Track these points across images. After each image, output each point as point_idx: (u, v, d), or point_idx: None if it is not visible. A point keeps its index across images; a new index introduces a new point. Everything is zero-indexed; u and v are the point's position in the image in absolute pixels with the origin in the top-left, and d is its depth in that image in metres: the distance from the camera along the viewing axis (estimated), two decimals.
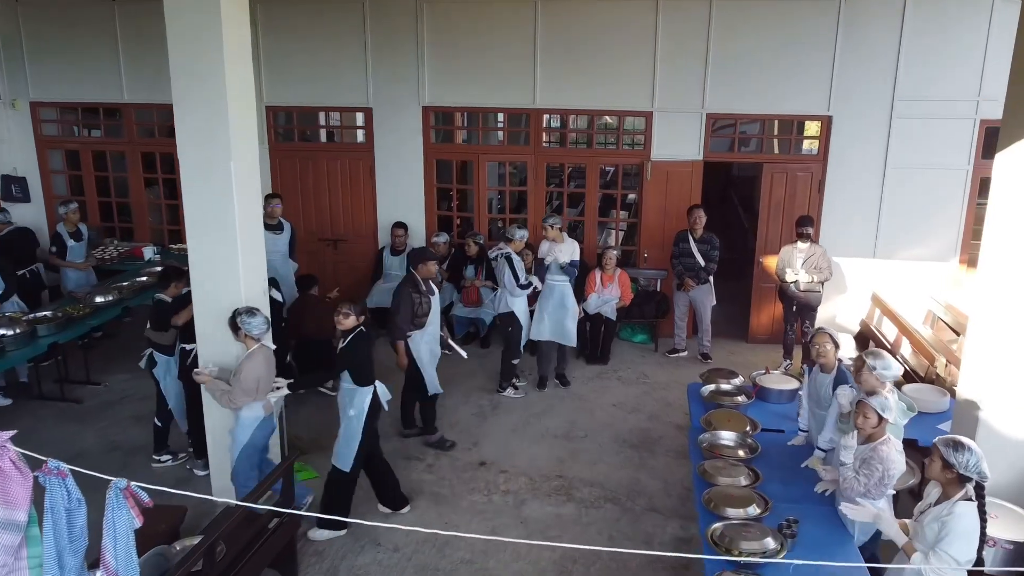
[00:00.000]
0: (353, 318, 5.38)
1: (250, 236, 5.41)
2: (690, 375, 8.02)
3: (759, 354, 8.72)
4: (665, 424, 7.08)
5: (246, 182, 5.34)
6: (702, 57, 8.39)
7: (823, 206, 8.61)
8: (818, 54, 8.23)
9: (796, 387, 5.76)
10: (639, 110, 8.71)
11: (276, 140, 9.47)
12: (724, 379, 5.93)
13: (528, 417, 7.19)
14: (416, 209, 9.31)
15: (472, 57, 8.80)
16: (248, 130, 5.35)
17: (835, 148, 8.45)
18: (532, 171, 9.07)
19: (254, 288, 5.51)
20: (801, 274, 7.73)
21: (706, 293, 8.29)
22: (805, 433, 5.15)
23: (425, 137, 9.12)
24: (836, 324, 8.56)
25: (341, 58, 9.00)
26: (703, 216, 8.15)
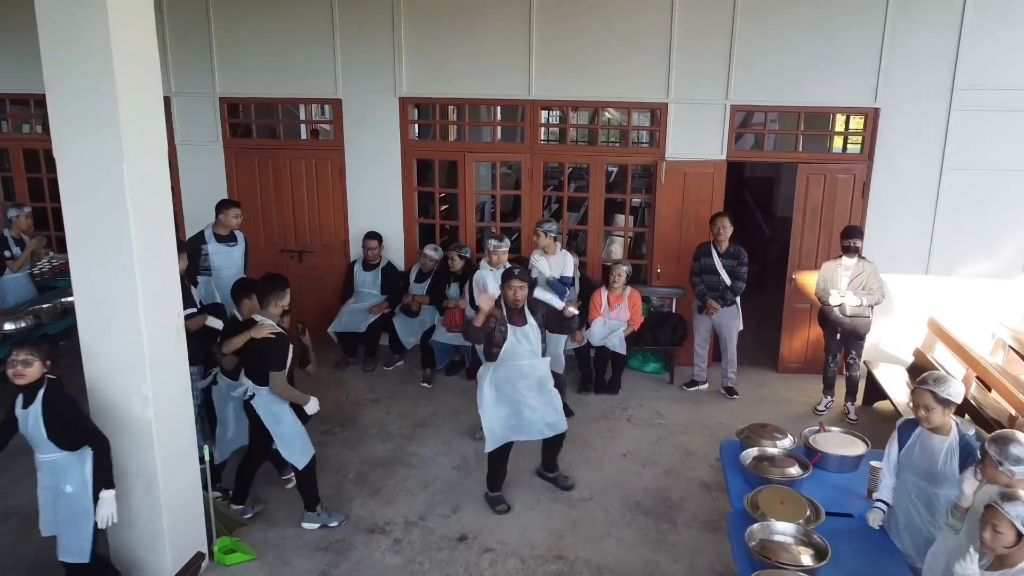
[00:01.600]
0: (38, 365, 3.86)
1: (155, 260, 4.16)
2: (713, 414, 6.83)
3: (792, 387, 7.47)
4: (687, 482, 5.81)
5: (148, 189, 4.08)
6: (726, 40, 7.13)
7: (867, 213, 7.36)
8: (864, 36, 6.98)
9: (863, 451, 4.50)
10: (652, 102, 7.44)
11: (231, 137, 8.20)
12: (768, 438, 4.66)
13: (519, 473, 5.91)
14: (393, 216, 8.05)
15: (457, 40, 7.54)
16: (149, 122, 4.09)
17: (882, 146, 7.19)
18: (527, 172, 7.81)
19: (163, 328, 4.25)
20: (848, 296, 6.46)
21: (732, 317, 7.04)
22: (886, 510, 3.92)
23: (403, 133, 7.86)
24: (885, 353, 7.31)
25: (305, 42, 7.74)
26: (729, 226, 6.89)
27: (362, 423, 6.66)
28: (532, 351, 5.21)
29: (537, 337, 5.21)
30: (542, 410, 5.32)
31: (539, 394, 5.30)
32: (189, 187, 8.24)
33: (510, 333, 5.17)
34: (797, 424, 6.63)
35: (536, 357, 5.23)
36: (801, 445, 4.65)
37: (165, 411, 4.29)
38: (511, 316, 5.21)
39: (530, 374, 5.25)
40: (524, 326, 5.19)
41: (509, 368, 5.22)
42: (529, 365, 5.23)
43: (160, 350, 4.21)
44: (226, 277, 6.79)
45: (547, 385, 5.34)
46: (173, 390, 4.38)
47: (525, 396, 5.26)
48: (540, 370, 5.28)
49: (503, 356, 5.20)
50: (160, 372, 4.22)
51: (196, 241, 6.79)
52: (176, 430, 4.44)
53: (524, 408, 5.28)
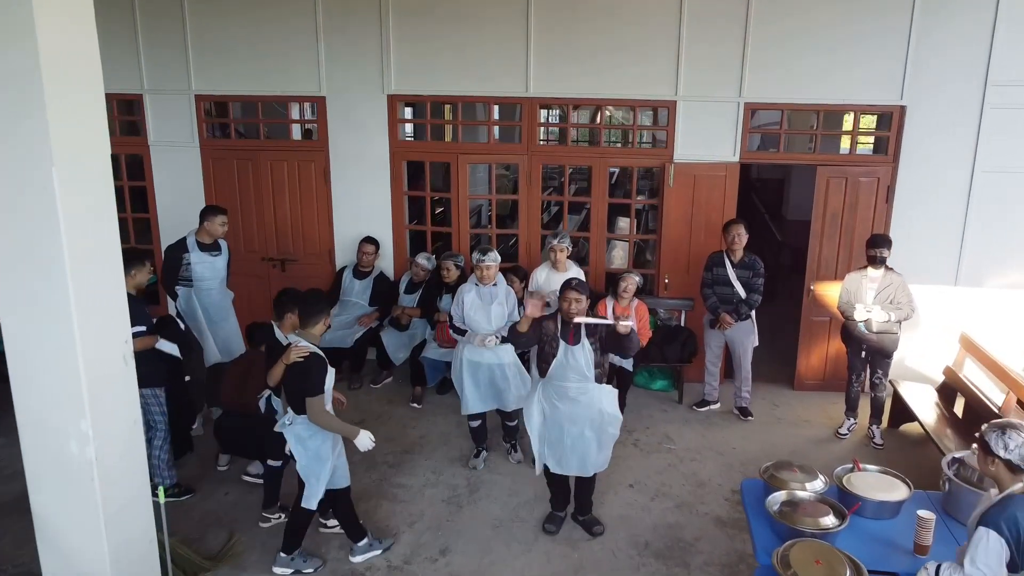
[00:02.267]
0: None
1: (95, 277, 3.61)
2: (726, 438, 6.30)
3: (811, 406, 6.93)
4: (700, 518, 5.27)
5: (85, 197, 3.53)
6: (740, 32, 6.60)
7: (891, 219, 6.82)
8: (889, 27, 6.45)
9: (905, 496, 3.95)
10: (659, 99, 6.90)
11: (208, 137, 7.66)
12: (795, 478, 4.12)
13: (517, 507, 5.38)
14: (381, 222, 7.50)
15: (450, 33, 7.00)
16: (87, 121, 3.54)
17: (909, 146, 6.65)
18: (525, 175, 7.27)
19: (105, 355, 3.71)
20: (875, 311, 5.91)
21: (747, 332, 6.50)
22: None
23: (392, 133, 7.31)
24: (911, 371, 6.77)
25: (286, 35, 7.18)
26: (744, 234, 6.35)
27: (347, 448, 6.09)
28: (581, 375, 4.66)
29: (588, 360, 4.63)
30: (583, 446, 4.79)
31: (584, 424, 4.75)
32: (163, 190, 7.70)
33: (560, 350, 4.65)
34: (819, 450, 6.15)
35: (586, 381, 4.67)
36: (834, 486, 4.11)
37: (109, 450, 3.74)
38: (564, 331, 4.68)
39: (577, 398, 4.70)
40: (575, 345, 4.64)
41: (556, 388, 4.74)
42: (577, 388, 4.68)
43: (102, 381, 3.66)
44: (207, 288, 6.33)
45: (598, 418, 4.74)
46: (119, 426, 3.83)
47: (568, 425, 4.76)
48: (589, 396, 4.70)
49: (551, 374, 4.73)
50: (102, 406, 3.68)
51: (177, 249, 6.27)
52: (124, 471, 3.89)
53: (566, 437, 4.79)
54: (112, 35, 7.32)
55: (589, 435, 4.76)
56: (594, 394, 4.69)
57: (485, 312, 5.64)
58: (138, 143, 7.63)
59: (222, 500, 5.39)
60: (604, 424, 4.75)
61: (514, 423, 5.93)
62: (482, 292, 5.66)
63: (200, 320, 6.32)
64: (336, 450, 4.62)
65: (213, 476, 5.67)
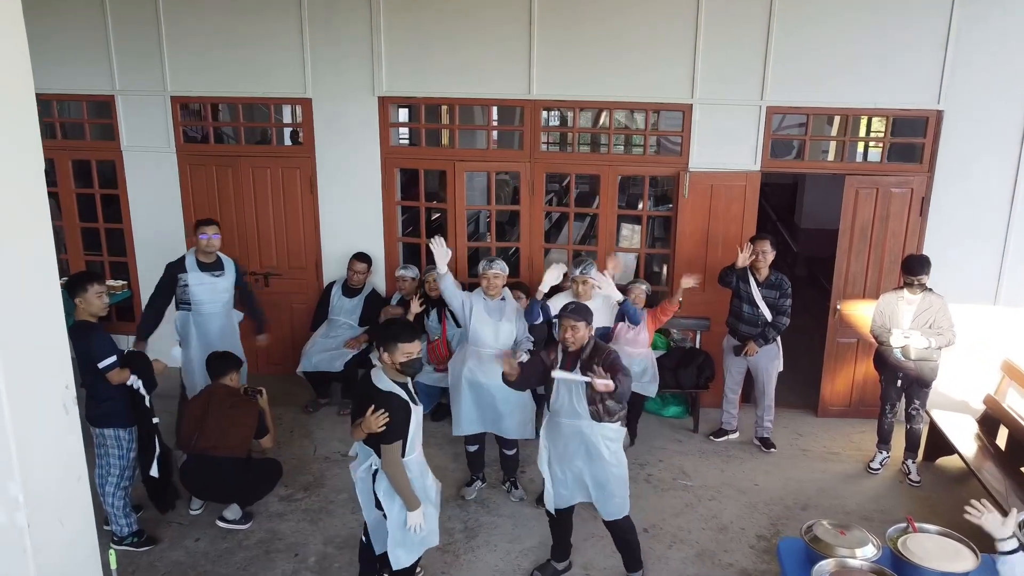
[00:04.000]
0: None
1: (23, 310, 3.05)
2: (747, 473, 5.80)
3: (837, 436, 6.40)
4: (724, 570, 4.73)
5: (9, 216, 2.98)
6: (762, 30, 6.06)
7: (925, 233, 6.29)
8: (925, 24, 5.91)
9: (971, 566, 3.41)
10: (674, 102, 6.36)
11: (185, 141, 7.10)
12: (842, 541, 3.57)
13: (519, 555, 4.84)
14: (372, 234, 6.95)
15: (447, 30, 6.45)
16: (11, 119, 2.98)
17: (946, 155, 6.12)
18: (527, 183, 6.72)
19: (38, 404, 3.15)
20: (914, 337, 5.38)
21: (771, 357, 5.96)
22: None
23: (383, 138, 6.77)
24: (948, 399, 6.22)
25: (269, 33, 6.64)
26: (771, 251, 5.82)
27: (330, 486, 5.56)
28: (572, 411, 4.16)
29: (580, 395, 4.12)
30: (583, 490, 4.35)
31: (582, 465, 4.26)
32: (138, 198, 7.14)
33: (557, 382, 4.18)
34: (850, 488, 5.65)
35: (579, 419, 4.16)
36: (887, 549, 3.57)
37: (46, 515, 3.19)
38: (563, 362, 4.19)
39: (571, 437, 4.22)
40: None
41: (555, 424, 4.30)
42: (570, 426, 4.20)
43: (35, 435, 3.11)
44: (209, 313, 5.71)
45: (596, 461, 4.24)
46: (58, 486, 3.27)
47: (565, 464, 4.31)
48: (583, 436, 4.20)
49: (552, 408, 4.28)
50: (36, 464, 3.12)
51: (175, 268, 5.68)
52: (65, 537, 3.33)
53: (568, 476, 4.34)
54: (81, 30, 6.80)
55: (590, 480, 4.28)
56: (588, 435, 4.18)
57: (493, 328, 5.11)
58: (110, 148, 7.08)
59: (191, 548, 4.84)
60: (603, 473, 4.23)
61: (513, 453, 5.39)
62: (489, 306, 5.12)
63: (192, 348, 5.72)
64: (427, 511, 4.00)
65: (182, 521, 5.11)
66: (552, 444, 4.33)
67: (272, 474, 5.16)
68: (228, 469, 4.85)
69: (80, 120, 7.25)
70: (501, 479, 5.54)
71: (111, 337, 4.57)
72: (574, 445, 4.23)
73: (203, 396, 5.06)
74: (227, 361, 5.17)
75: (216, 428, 4.82)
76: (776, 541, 4.84)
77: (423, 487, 3.98)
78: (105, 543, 4.08)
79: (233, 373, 5.16)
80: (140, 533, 4.81)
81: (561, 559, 4.64)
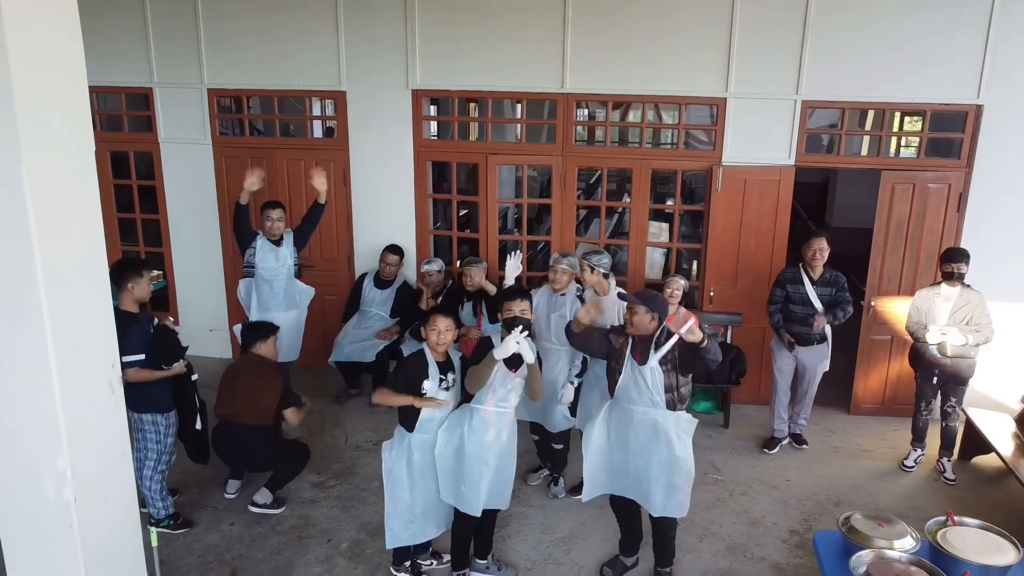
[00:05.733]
0: None
1: (74, 294, 3.12)
2: (778, 470, 5.78)
3: (870, 433, 6.34)
4: (756, 564, 4.71)
5: (63, 202, 3.04)
6: (799, 23, 6.02)
7: (962, 230, 6.21)
8: (966, 18, 5.84)
9: (1012, 559, 3.37)
10: (707, 96, 6.34)
11: (221, 134, 7.20)
12: (880, 533, 3.54)
13: (550, 546, 4.85)
14: (404, 227, 7.00)
15: (479, 24, 6.49)
16: (66, 116, 3.05)
17: (985, 150, 6.04)
18: (558, 177, 6.73)
19: (87, 382, 3.22)
20: (951, 333, 5.31)
21: (821, 356, 5.85)
22: None
23: (416, 131, 6.81)
24: (984, 397, 6.15)
25: (305, 26, 6.72)
26: (826, 248, 5.72)
27: (362, 474, 5.61)
28: (649, 399, 4.09)
29: (657, 382, 4.06)
30: (646, 483, 4.19)
31: (650, 457, 4.14)
32: (174, 190, 7.26)
33: (625, 369, 4.11)
34: (884, 485, 5.60)
35: (655, 408, 4.10)
36: (926, 542, 3.53)
37: (91, 491, 3.26)
38: (634, 347, 4.13)
39: (642, 426, 4.12)
40: (643, 365, 4.08)
41: (622, 411, 4.19)
42: (643, 414, 4.12)
43: (83, 412, 3.17)
44: (270, 279, 5.94)
45: (665, 453, 4.12)
46: (103, 463, 3.34)
47: (632, 456, 4.19)
48: (657, 426, 4.11)
49: (617, 394, 4.19)
50: (83, 440, 3.19)
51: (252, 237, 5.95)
52: (109, 513, 3.40)
53: (631, 467, 4.22)
54: (121, 25, 6.92)
55: (655, 472, 4.14)
56: (661, 424, 4.10)
57: (547, 320, 5.12)
58: (148, 140, 7.20)
59: (226, 532, 4.91)
60: (671, 464, 4.13)
61: (561, 448, 5.37)
62: (551, 300, 5.14)
63: (250, 312, 5.94)
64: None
65: (217, 505, 5.19)
66: (615, 432, 4.23)
67: (299, 457, 5.20)
68: (253, 438, 4.93)
69: (118, 112, 7.37)
70: (546, 467, 5.54)
71: (145, 329, 4.59)
72: (645, 435, 4.12)
73: (237, 364, 5.16)
74: (258, 331, 5.22)
75: (244, 396, 4.91)
76: (809, 536, 4.81)
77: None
78: (144, 523, 4.14)
79: (261, 343, 5.17)
80: (176, 516, 4.88)
81: (630, 553, 4.56)
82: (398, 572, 4.40)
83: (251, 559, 4.64)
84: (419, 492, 4.19)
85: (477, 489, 4.13)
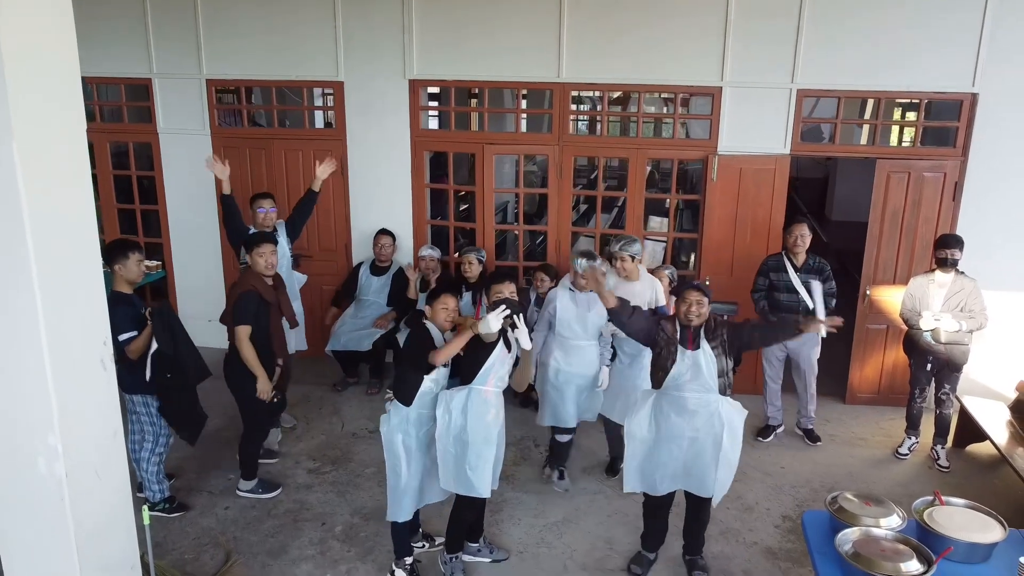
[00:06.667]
0: None
1: (66, 271, 3.16)
2: (772, 457, 5.83)
3: (866, 422, 6.35)
4: (748, 548, 4.73)
5: (54, 179, 3.07)
6: (794, 11, 6.03)
7: (958, 218, 6.21)
8: (961, 6, 5.84)
9: (999, 537, 3.38)
10: (703, 85, 6.35)
11: (220, 125, 7.23)
12: (868, 512, 3.56)
13: (543, 530, 4.88)
14: (401, 216, 7.02)
15: (476, 14, 6.51)
16: (56, 94, 3.08)
17: (981, 138, 6.04)
18: (555, 167, 6.75)
19: (78, 358, 3.25)
20: (944, 320, 5.32)
21: (813, 344, 5.85)
22: None
23: (413, 121, 6.84)
24: (978, 385, 6.15)
25: (303, 16, 6.75)
26: (808, 235, 5.74)
27: (358, 460, 5.64)
28: (703, 385, 4.11)
29: (711, 366, 4.09)
30: (702, 465, 4.19)
31: (707, 440, 4.15)
32: (173, 181, 7.29)
33: (679, 357, 4.11)
34: (878, 472, 5.61)
35: (707, 392, 4.12)
36: (913, 522, 3.54)
37: (83, 467, 3.29)
38: (683, 336, 4.15)
39: (698, 410, 4.12)
40: (695, 351, 4.10)
41: (673, 399, 4.15)
42: (697, 400, 4.11)
43: (74, 388, 3.20)
44: None
45: (720, 433, 4.14)
46: (95, 439, 3.37)
47: (687, 441, 4.16)
48: (711, 409, 4.12)
49: (667, 384, 4.15)
50: (75, 417, 3.22)
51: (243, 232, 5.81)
52: (101, 490, 3.43)
53: (683, 454, 4.19)
54: (121, 16, 6.96)
55: (710, 453, 4.15)
56: (715, 407, 4.11)
57: (580, 319, 5.13)
58: (147, 131, 7.24)
59: (222, 516, 4.94)
60: (728, 442, 4.14)
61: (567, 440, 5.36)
62: (578, 298, 5.14)
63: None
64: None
65: (213, 490, 5.22)
66: (667, 422, 4.17)
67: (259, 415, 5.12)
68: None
69: (118, 103, 7.42)
70: (543, 464, 5.57)
71: (136, 311, 4.60)
72: (701, 419, 4.12)
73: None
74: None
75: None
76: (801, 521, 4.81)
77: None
78: (139, 506, 4.18)
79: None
80: (172, 499, 4.92)
81: (653, 548, 4.55)
82: (398, 568, 4.40)
83: (246, 541, 4.68)
84: (415, 466, 4.20)
85: (485, 471, 4.15)
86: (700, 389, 4.09)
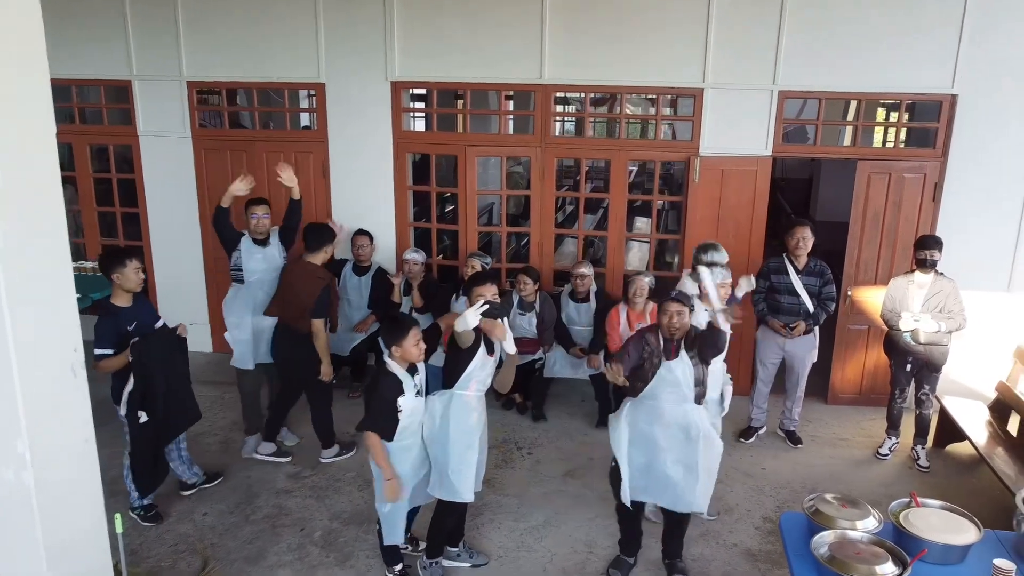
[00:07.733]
0: None
1: (33, 277, 3.12)
2: (754, 458, 5.82)
3: (847, 423, 6.37)
4: (728, 550, 4.73)
5: (19, 188, 3.03)
6: (775, 13, 6.04)
7: (938, 219, 6.23)
8: (939, 8, 5.87)
9: (974, 539, 3.39)
10: (685, 86, 6.35)
11: (200, 127, 7.19)
12: (844, 514, 3.56)
13: (523, 533, 4.86)
14: (383, 218, 7.00)
15: (458, 16, 6.49)
16: (27, 93, 3.04)
17: (960, 139, 6.06)
18: (538, 169, 6.74)
19: (48, 364, 3.21)
20: (924, 320, 5.34)
21: (809, 347, 5.83)
22: None
23: (395, 123, 6.82)
24: (959, 385, 6.17)
25: (284, 18, 6.72)
26: (810, 237, 5.72)
27: (337, 465, 5.61)
28: (679, 394, 4.06)
29: (688, 375, 4.04)
30: (675, 479, 4.12)
31: (683, 451, 4.10)
32: (154, 183, 7.24)
33: (662, 367, 4.07)
34: (858, 473, 5.62)
35: (684, 402, 4.07)
36: (889, 524, 3.55)
37: (52, 475, 3.24)
38: (667, 347, 4.10)
39: (673, 421, 4.07)
40: (674, 360, 4.06)
41: (648, 409, 4.11)
42: (673, 411, 4.07)
43: (44, 395, 3.17)
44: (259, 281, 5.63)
45: (698, 443, 4.09)
46: (66, 447, 3.33)
47: (664, 450, 4.11)
48: (689, 419, 4.07)
49: (645, 393, 4.11)
50: (44, 424, 3.18)
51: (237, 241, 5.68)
52: (72, 499, 3.39)
53: (657, 465, 4.13)
54: (100, 17, 6.91)
55: (683, 467, 4.10)
56: (692, 417, 4.08)
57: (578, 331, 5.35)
58: (127, 132, 7.19)
59: (199, 522, 4.90)
60: (697, 442, 4.08)
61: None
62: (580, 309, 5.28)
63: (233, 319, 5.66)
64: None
65: (191, 496, 5.17)
66: (640, 432, 4.13)
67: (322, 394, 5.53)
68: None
69: (98, 105, 7.36)
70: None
71: (120, 327, 4.53)
72: (673, 431, 4.07)
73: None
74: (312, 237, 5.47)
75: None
76: None
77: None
78: (111, 511, 4.14)
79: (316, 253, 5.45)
80: (150, 508, 4.87)
81: (631, 553, 4.53)
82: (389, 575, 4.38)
83: (223, 547, 4.64)
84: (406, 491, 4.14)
85: (468, 475, 4.12)
86: (676, 399, 4.06)
